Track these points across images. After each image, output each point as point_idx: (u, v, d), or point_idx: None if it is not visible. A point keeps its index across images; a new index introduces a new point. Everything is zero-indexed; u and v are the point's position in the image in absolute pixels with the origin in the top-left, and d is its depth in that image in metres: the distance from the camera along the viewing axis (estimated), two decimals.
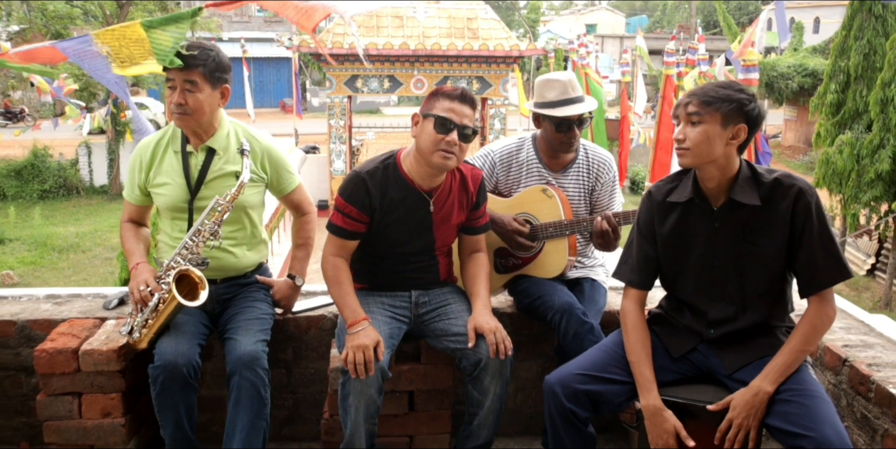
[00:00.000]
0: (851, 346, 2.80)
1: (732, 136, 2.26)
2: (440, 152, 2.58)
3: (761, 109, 2.28)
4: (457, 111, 2.59)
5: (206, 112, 2.70)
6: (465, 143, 2.62)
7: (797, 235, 2.27)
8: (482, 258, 2.90)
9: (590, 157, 3.15)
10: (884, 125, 12.64)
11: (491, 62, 14.68)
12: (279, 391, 3.12)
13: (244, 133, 2.85)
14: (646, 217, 2.50)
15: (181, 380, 2.56)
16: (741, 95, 2.24)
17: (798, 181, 2.28)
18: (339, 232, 2.70)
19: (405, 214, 2.70)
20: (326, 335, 3.08)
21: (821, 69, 20.49)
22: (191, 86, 2.65)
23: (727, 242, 2.34)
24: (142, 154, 2.83)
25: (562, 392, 2.36)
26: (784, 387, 2.22)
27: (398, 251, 2.76)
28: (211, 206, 2.68)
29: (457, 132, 2.58)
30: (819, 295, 2.29)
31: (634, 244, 2.52)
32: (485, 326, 2.64)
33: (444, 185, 2.74)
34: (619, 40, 39.80)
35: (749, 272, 2.35)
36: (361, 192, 2.64)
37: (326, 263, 2.72)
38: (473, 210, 2.83)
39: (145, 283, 2.65)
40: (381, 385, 2.53)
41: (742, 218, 2.32)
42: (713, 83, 2.31)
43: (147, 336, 2.63)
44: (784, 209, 2.27)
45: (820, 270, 2.26)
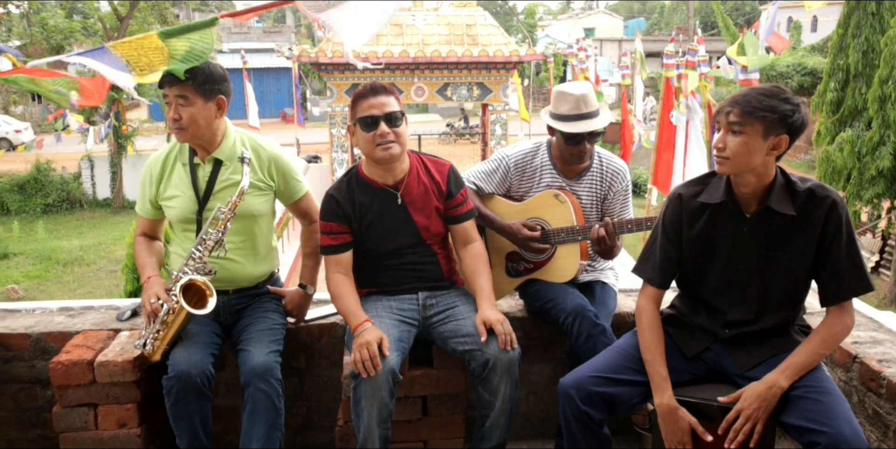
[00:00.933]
0: (861, 342, 2.81)
1: (773, 147, 2.23)
2: (378, 147, 2.68)
3: (805, 118, 2.23)
4: (375, 105, 2.68)
5: (201, 125, 2.72)
6: (398, 127, 2.70)
7: (826, 246, 2.29)
8: (476, 248, 2.92)
9: (604, 165, 3.17)
10: (883, 122, 12.66)
11: (491, 68, 14.73)
12: (293, 399, 3.14)
13: (250, 142, 2.87)
14: (672, 219, 2.48)
15: (195, 390, 2.57)
16: (785, 106, 2.19)
17: (831, 193, 2.28)
18: (330, 250, 2.82)
19: (379, 212, 2.80)
20: (339, 343, 3.10)
21: (820, 68, 20.53)
22: (183, 100, 2.68)
23: (754, 247, 2.35)
24: (152, 168, 2.86)
25: (577, 394, 2.37)
26: (799, 384, 2.24)
27: (390, 247, 2.82)
28: (213, 215, 2.70)
29: (383, 122, 2.67)
30: (840, 305, 2.31)
31: (658, 244, 2.52)
32: (491, 318, 2.67)
33: (408, 177, 2.82)
34: (618, 43, 39.87)
35: (773, 278, 2.36)
36: (333, 206, 2.80)
37: (329, 281, 2.82)
38: (448, 199, 2.87)
39: (156, 295, 2.67)
40: (392, 388, 2.55)
41: (773, 225, 2.32)
42: (757, 90, 2.23)
43: (160, 348, 2.65)
44: (816, 219, 2.27)
45: (844, 281, 2.29)
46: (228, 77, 2.82)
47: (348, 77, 14.61)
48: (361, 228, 2.81)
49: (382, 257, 2.85)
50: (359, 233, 2.82)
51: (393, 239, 2.82)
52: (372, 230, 2.81)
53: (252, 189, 2.78)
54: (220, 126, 2.82)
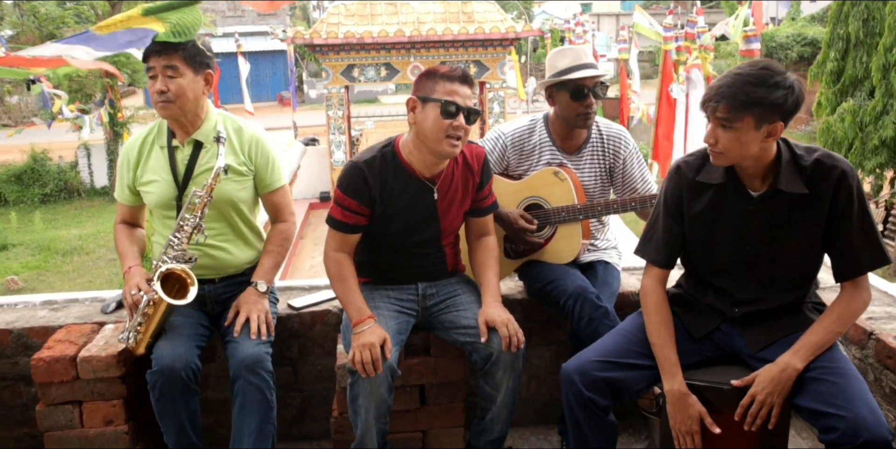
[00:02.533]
0: (876, 318, 2.70)
1: (768, 134, 2.08)
2: (448, 139, 2.45)
3: (800, 96, 2.05)
4: (462, 93, 2.45)
5: (189, 98, 2.58)
6: (471, 125, 2.48)
7: (837, 219, 2.15)
8: (491, 242, 2.78)
9: (603, 133, 3.02)
10: (887, 91, 12.46)
11: (487, 45, 14.52)
12: (286, 390, 3.03)
13: (231, 123, 2.74)
14: (673, 193, 2.35)
15: (180, 384, 2.46)
16: (776, 94, 2.02)
17: (840, 162, 2.13)
18: (340, 226, 2.57)
19: (408, 204, 2.58)
20: (332, 331, 2.99)
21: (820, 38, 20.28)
22: (172, 71, 2.54)
23: (762, 225, 2.22)
24: (129, 152, 2.73)
25: (580, 380, 2.26)
26: (814, 365, 2.12)
27: (404, 243, 2.64)
28: (189, 200, 2.57)
29: (462, 116, 2.44)
30: (854, 280, 2.18)
31: (660, 221, 2.39)
32: (496, 319, 2.52)
33: (446, 171, 2.61)
34: (616, 18, 39.48)
35: (783, 256, 2.23)
36: (359, 182, 2.51)
37: (328, 259, 2.61)
38: (479, 191, 2.70)
39: (137, 286, 2.55)
40: (391, 384, 2.44)
41: (781, 204, 2.18)
42: (744, 78, 2.04)
43: (143, 341, 2.54)
44: (825, 192, 2.13)
45: (859, 255, 2.16)
46: (214, 53, 2.70)
47: (343, 58, 14.42)
48: (385, 216, 2.57)
49: (391, 252, 2.67)
50: (379, 219, 2.58)
51: (411, 235, 2.62)
52: (395, 221, 2.59)
53: (232, 173, 2.65)
54: (204, 105, 2.69)
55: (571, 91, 2.86)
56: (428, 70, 2.51)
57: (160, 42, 2.55)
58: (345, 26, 14.00)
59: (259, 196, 2.83)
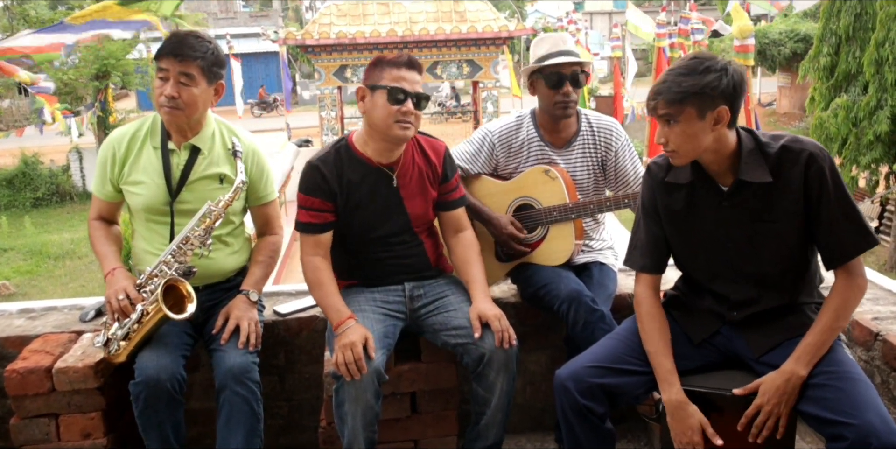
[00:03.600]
0: (882, 318, 2.61)
1: (715, 121, 2.01)
2: (398, 124, 2.43)
3: (737, 77, 1.99)
4: (407, 79, 2.44)
5: (198, 108, 2.50)
6: (420, 111, 2.47)
7: (814, 205, 2.05)
8: (468, 237, 2.70)
9: (593, 125, 2.93)
10: (880, 86, 12.41)
11: (480, 44, 14.45)
12: (273, 399, 2.93)
13: (230, 133, 2.65)
14: (648, 195, 2.28)
15: (165, 396, 2.36)
16: (707, 78, 1.96)
17: (807, 145, 2.05)
18: (308, 228, 2.54)
19: (369, 193, 2.54)
20: (319, 337, 2.89)
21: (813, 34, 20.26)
22: (187, 79, 2.44)
23: (739, 221, 2.13)
24: (115, 146, 2.60)
25: (574, 387, 2.16)
26: (817, 370, 2.02)
27: (375, 235, 2.58)
28: (202, 212, 2.47)
29: (411, 100, 2.42)
30: (846, 266, 2.07)
31: (641, 226, 2.31)
32: (488, 313, 2.45)
33: (404, 158, 2.58)
34: (608, 16, 39.42)
35: (766, 250, 2.13)
36: (317, 179, 2.51)
37: (305, 265, 2.56)
38: (443, 183, 2.65)
39: (124, 290, 2.44)
40: (378, 389, 2.34)
41: (753, 195, 2.09)
42: (675, 70, 2.01)
43: (126, 349, 2.43)
44: (796, 178, 2.04)
45: (843, 239, 2.05)
46: (226, 63, 2.62)
47: (336, 59, 14.33)
48: (347, 209, 2.54)
49: (366, 246, 2.61)
50: (344, 213, 2.55)
51: (381, 225, 2.58)
52: (359, 213, 2.55)
53: (227, 183, 2.57)
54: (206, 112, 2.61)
55: (547, 79, 2.78)
56: (375, 58, 2.50)
57: (180, 45, 2.44)
58: (337, 27, 13.92)
59: (250, 209, 2.75)
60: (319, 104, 14.88)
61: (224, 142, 2.62)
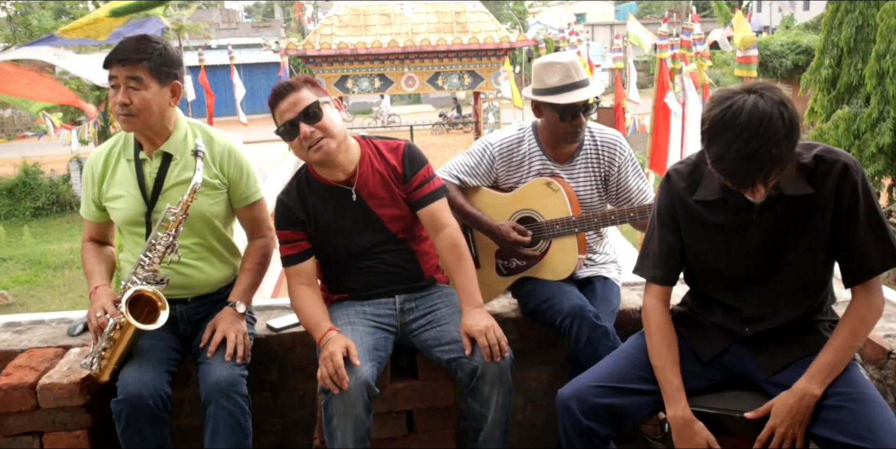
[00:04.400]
0: (895, 335, 2.52)
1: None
2: (311, 150, 2.38)
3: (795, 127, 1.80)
4: (285, 108, 2.38)
5: (154, 112, 2.41)
6: (320, 120, 2.37)
7: (843, 218, 1.95)
8: (451, 235, 2.53)
9: (597, 139, 2.84)
10: (882, 98, 12.37)
11: (482, 56, 14.41)
12: (265, 417, 2.85)
13: (203, 134, 2.57)
14: (666, 203, 2.16)
15: (148, 413, 2.28)
16: (773, 164, 1.77)
17: (841, 156, 1.94)
18: (289, 260, 2.54)
19: (335, 212, 2.51)
20: (313, 353, 2.77)
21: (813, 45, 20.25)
22: (135, 83, 2.36)
23: (767, 233, 2.02)
24: (93, 166, 2.55)
25: (578, 408, 2.07)
26: (831, 390, 1.93)
27: (359, 248, 2.53)
28: (163, 217, 2.40)
29: (301, 124, 2.36)
30: (865, 284, 1.99)
31: (655, 234, 2.21)
32: (473, 329, 2.35)
33: (361, 169, 2.51)
34: (610, 28, 39.50)
35: (790, 264, 2.04)
36: (284, 212, 2.52)
37: (291, 294, 2.54)
38: (407, 181, 2.54)
39: (103, 308, 2.37)
40: (368, 403, 2.26)
41: (785, 208, 1.99)
42: (739, 155, 1.77)
43: (108, 367, 2.35)
44: (828, 190, 1.94)
45: (869, 255, 1.95)
46: (182, 62, 2.53)
47: (336, 69, 14.29)
48: (319, 233, 2.51)
49: (352, 259, 2.55)
50: (317, 238, 2.53)
51: (359, 238, 2.52)
52: (331, 234, 2.51)
53: (204, 187, 2.47)
54: (171, 115, 2.52)
55: (560, 112, 2.69)
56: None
57: (125, 50, 2.37)
58: (338, 37, 13.89)
59: (235, 211, 2.66)
60: None
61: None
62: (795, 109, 1.82)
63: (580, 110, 2.68)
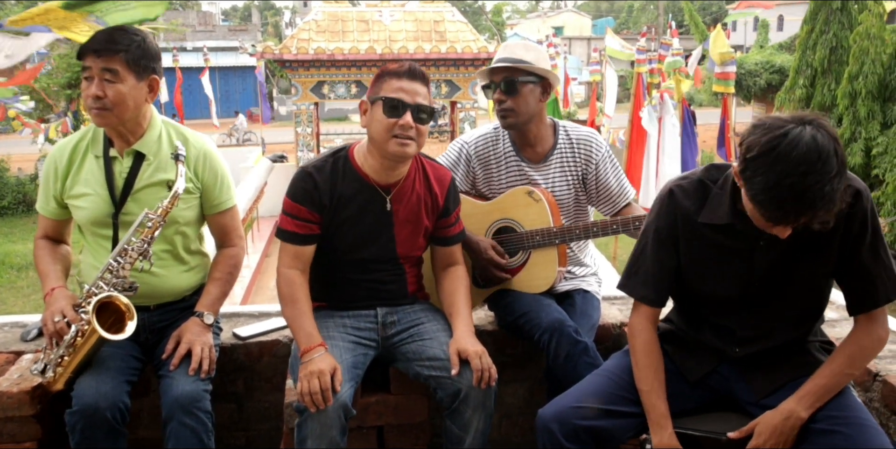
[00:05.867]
0: (881, 357, 2.46)
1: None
2: (395, 139, 2.23)
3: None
4: (407, 90, 2.25)
5: (129, 107, 2.29)
6: (422, 125, 2.26)
7: (850, 246, 1.88)
8: (460, 272, 2.52)
9: (571, 137, 2.76)
10: (854, 118, 12.56)
11: (459, 65, 14.36)
12: (229, 430, 2.73)
13: (178, 135, 2.45)
14: (667, 222, 2.05)
15: (105, 426, 2.15)
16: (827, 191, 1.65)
17: (853, 181, 1.85)
18: (291, 237, 2.33)
19: (359, 212, 2.35)
20: (281, 363, 2.69)
21: (788, 66, 20.52)
22: (111, 75, 2.24)
23: (772, 260, 1.94)
24: (57, 159, 2.41)
25: (559, 430, 1.97)
26: (823, 414, 1.86)
27: (356, 257, 2.39)
28: (139, 222, 2.27)
29: (410, 114, 2.23)
30: (870, 314, 1.92)
31: (648, 253, 2.09)
32: (469, 349, 2.25)
33: (404, 182, 2.38)
34: (587, 42, 39.78)
35: (793, 289, 1.96)
36: (309, 187, 2.31)
37: (280, 277, 2.35)
38: (443, 217, 2.46)
39: (61, 312, 2.23)
40: (344, 425, 2.14)
41: (794, 233, 1.86)
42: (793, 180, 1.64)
43: (63, 375, 2.22)
44: (839, 217, 1.83)
45: (874, 285, 1.88)
46: (161, 56, 2.41)
47: (313, 74, 14.16)
48: (333, 225, 2.35)
49: (343, 268, 2.41)
50: (328, 229, 2.35)
51: (364, 248, 2.38)
52: (344, 230, 2.35)
53: None
54: (146, 112, 2.40)
55: (485, 86, 2.65)
56: (379, 70, 2.32)
57: (101, 40, 2.26)
58: (315, 42, 13.78)
59: (206, 217, 2.54)
60: (295, 120, 14.68)
61: (172, 145, 2.41)
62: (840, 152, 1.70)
63: (497, 85, 2.60)
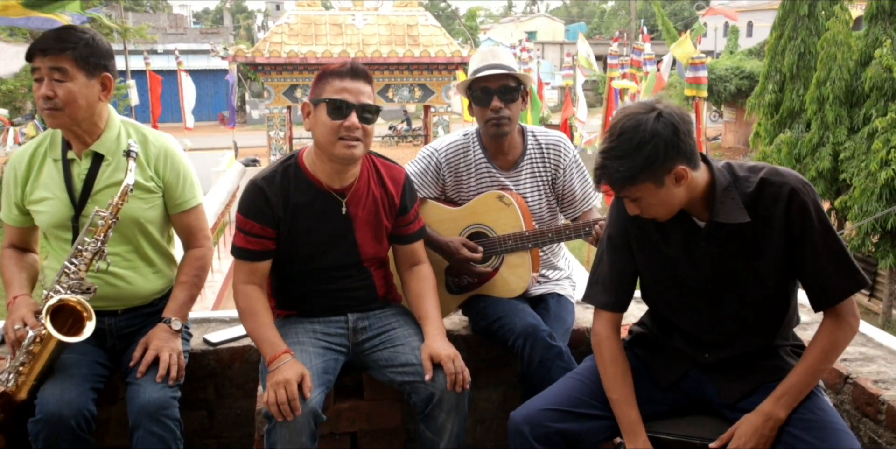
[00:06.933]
0: (851, 359, 2.48)
1: (676, 180, 1.82)
2: (341, 141, 2.20)
3: (671, 129, 1.77)
4: (351, 90, 2.21)
5: (81, 106, 2.25)
6: (368, 125, 2.23)
7: (797, 243, 1.88)
8: (424, 271, 2.50)
9: (540, 142, 2.75)
10: (822, 123, 12.72)
11: (433, 69, 14.36)
12: (200, 436, 2.68)
13: (137, 134, 2.41)
14: (617, 226, 2.08)
15: (69, 435, 2.10)
16: (645, 151, 1.76)
17: (788, 178, 1.87)
18: (244, 254, 2.30)
19: (316, 220, 2.31)
20: (252, 369, 2.66)
21: (757, 71, 20.78)
22: (60, 74, 2.20)
23: (717, 259, 1.95)
24: (16, 166, 2.37)
25: (530, 432, 1.97)
26: (795, 416, 1.86)
27: (320, 265, 2.36)
28: (90, 221, 2.23)
29: (356, 114, 2.20)
30: (834, 308, 1.92)
31: (605, 259, 2.11)
32: (441, 353, 2.24)
33: (358, 183, 2.35)
34: (560, 47, 39.99)
35: (746, 291, 1.96)
36: (260, 202, 2.27)
37: (237, 293, 2.32)
38: (400, 215, 2.44)
39: (22, 320, 2.19)
40: (314, 431, 2.12)
41: (731, 233, 1.91)
42: (609, 152, 1.80)
43: (26, 383, 2.16)
44: (777, 215, 1.87)
45: (831, 281, 1.88)
46: (114, 55, 2.37)
47: (286, 78, 14.07)
48: (291, 235, 2.31)
49: (308, 277, 2.38)
50: (286, 240, 2.31)
51: (325, 255, 2.35)
52: (302, 240, 2.32)
53: (137, 190, 2.31)
54: (102, 112, 2.35)
55: (475, 96, 2.61)
56: (320, 70, 2.27)
57: (48, 39, 2.22)
58: (288, 46, 13.70)
59: (171, 217, 2.50)
60: (268, 124, 14.58)
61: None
62: (678, 133, 1.79)
63: (494, 92, 2.58)
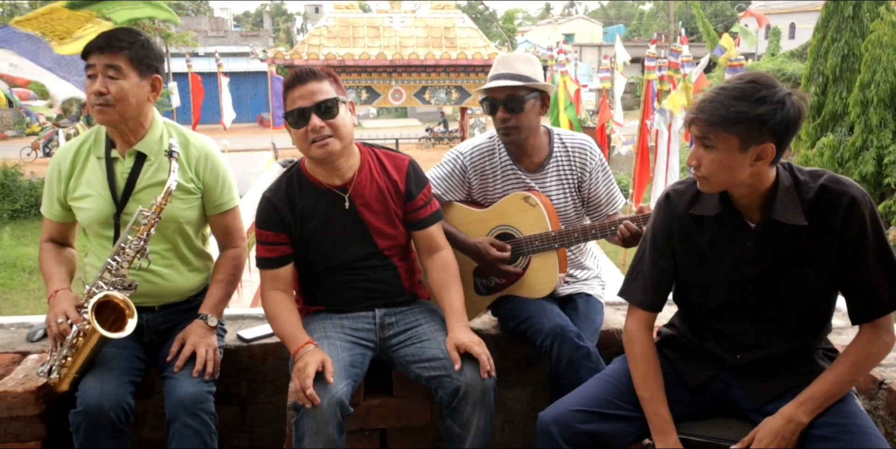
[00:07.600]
0: (886, 365, 2.45)
1: (757, 158, 1.81)
2: (314, 144, 2.27)
3: (793, 113, 1.76)
4: (303, 95, 2.27)
5: (132, 103, 2.31)
6: (333, 118, 2.28)
7: (850, 253, 1.86)
8: (445, 256, 2.52)
9: (566, 145, 2.76)
10: (865, 127, 12.50)
11: (469, 71, 14.38)
12: (233, 431, 2.73)
13: (179, 136, 2.47)
14: (663, 226, 2.08)
15: (108, 426, 2.16)
16: (761, 108, 1.74)
17: (849, 188, 1.86)
18: (266, 263, 2.43)
19: (324, 219, 2.40)
20: (284, 365, 2.70)
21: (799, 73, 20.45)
22: (114, 72, 2.27)
23: (764, 263, 1.94)
24: (60, 163, 2.44)
25: (559, 433, 1.98)
26: (823, 420, 1.85)
27: (340, 260, 2.43)
28: (134, 220, 2.29)
29: (315, 115, 2.26)
30: (874, 322, 1.90)
31: (646, 258, 2.11)
32: (465, 341, 2.28)
33: (359, 176, 2.41)
34: (598, 49, 39.75)
35: (789, 297, 1.95)
36: (269, 212, 2.40)
37: (264, 299, 2.42)
38: (408, 201, 2.47)
39: (64, 314, 2.25)
40: (341, 423, 2.15)
41: (783, 237, 1.90)
42: (728, 90, 1.79)
43: (68, 376, 2.23)
44: (834, 224, 1.85)
45: (878, 293, 1.87)
46: (164, 58, 2.44)
47: None
48: (304, 238, 2.40)
49: (332, 272, 2.45)
50: (301, 243, 2.41)
51: (343, 249, 2.42)
52: (316, 240, 2.40)
53: (178, 190, 2.37)
54: (148, 113, 2.43)
55: (485, 106, 2.64)
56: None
57: (105, 38, 2.29)
58: (326, 48, 13.84)
59: (208, 218, 2.56)
60: None
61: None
62: (797, 121, 1.79)
63: (500, 103, 2.59)
